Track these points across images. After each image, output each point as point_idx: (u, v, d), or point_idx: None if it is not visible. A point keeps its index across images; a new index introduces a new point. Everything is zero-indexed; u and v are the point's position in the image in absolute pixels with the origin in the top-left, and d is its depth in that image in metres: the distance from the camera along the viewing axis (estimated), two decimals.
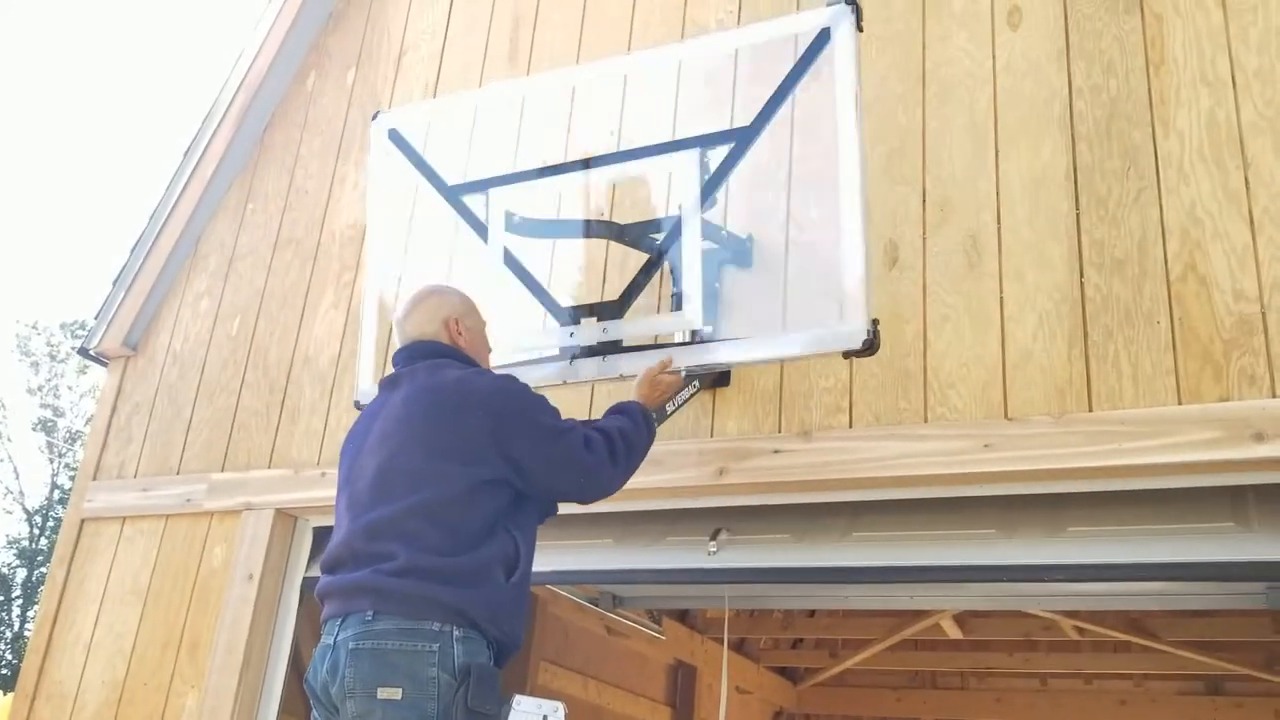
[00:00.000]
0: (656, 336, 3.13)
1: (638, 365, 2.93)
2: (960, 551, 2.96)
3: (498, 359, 2.97)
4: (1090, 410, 2.76)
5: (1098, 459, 2.70)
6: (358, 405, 3.28)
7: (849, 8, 2.94)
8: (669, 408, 2.95)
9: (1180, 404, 2.67)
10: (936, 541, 3.01)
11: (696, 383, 3.08)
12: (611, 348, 3.00)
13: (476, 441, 2.38)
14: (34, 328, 25.61)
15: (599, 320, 3.03)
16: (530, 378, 2.97)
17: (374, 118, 3.59)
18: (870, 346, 2.73)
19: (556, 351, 3.09)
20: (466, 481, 2.34)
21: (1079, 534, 2.87)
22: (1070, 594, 4.28)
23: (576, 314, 3.08)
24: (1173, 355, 2.73)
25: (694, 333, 2.99)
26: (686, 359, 2.95)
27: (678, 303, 3.05)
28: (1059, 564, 2.85)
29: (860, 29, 2.97)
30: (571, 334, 3.05)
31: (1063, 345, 2.86)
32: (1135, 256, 2.86)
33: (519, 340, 3.17)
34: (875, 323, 2.73)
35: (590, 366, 3.02)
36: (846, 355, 2.79)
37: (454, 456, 2.36)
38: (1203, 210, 2.83)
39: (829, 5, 2.97)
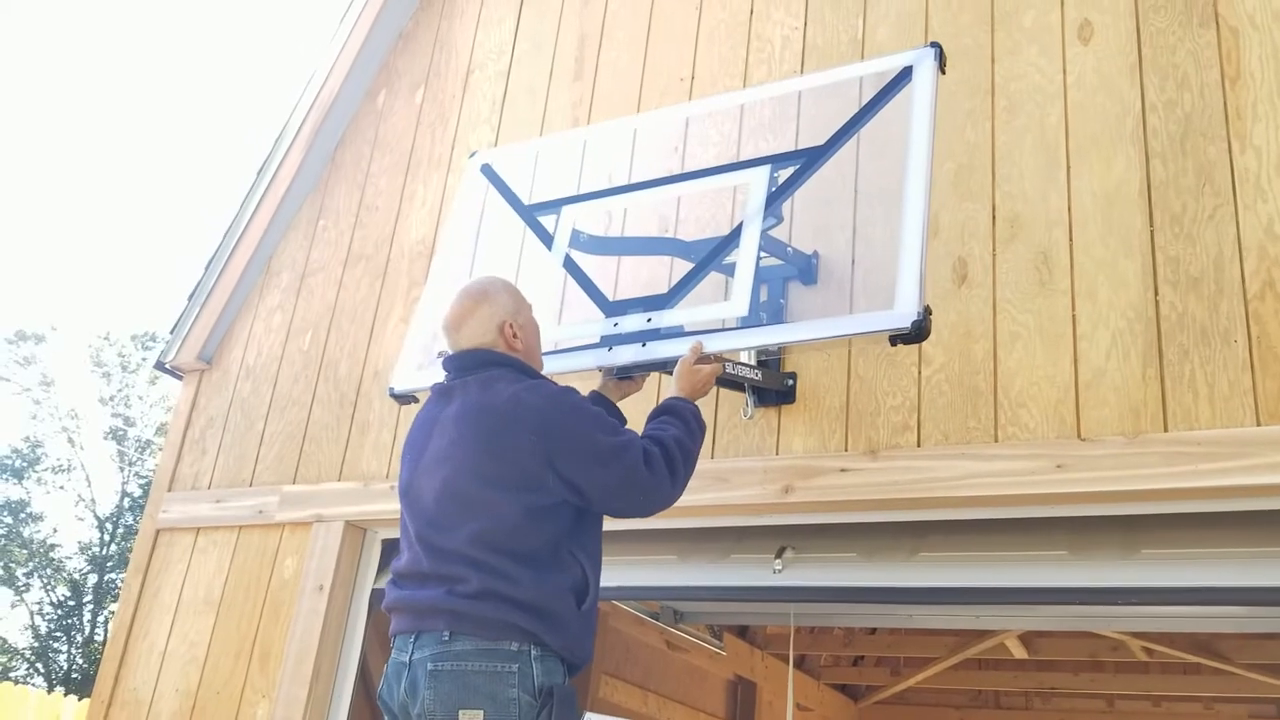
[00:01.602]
0: (723, 323, 3.04)
1: (677, 350, 2.82)
2: (1030, 573, 2.93)
3: (553, 343, 2.96)
4: (1166, 430, 2.71)
5: (1173, 480, 2.65)
6: (392, 392, 3.31)
7: (933, 50, 2.95)
8: (729, 369, 2.86)
9: (1259, 425, 2.62)
10: (1005, 563, 2.98)
11: (758, 374, 3.00)
12: (652, 335, 2.92)
13: (530, 466, 2.34)
14: (106, 339, 26.18)
15: (645, 311, 2.97)
16: (567, 366, 2.95)
17: (470, 156, 3.74)
18: (920, 331, 2.57)
19: (598, 340, 3.02)
20: (523, 508, 2.32)
21: (1153, 556, 2.82)
22: (1141, 615, 4.19)
23: (625, 306, 3.03)
24: (1251, 375, 2.68)
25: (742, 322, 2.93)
26: (728, 342, 2.84)
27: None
28: (1132, 587, 2.80)
29: (943, 72, 2.96)
30: (616, 324, 2.99)
31: (1137, 364, 2.82)
32: (1211, 274, 2.82)
33: (566, 332, 3.15)
34: (927, 309, 2.60)
35: (628, 353, 2.92)
36: (894, 341, 2.63)
37: (508, 483, 2.34)
38: None
39: (914, 49, 2.98)
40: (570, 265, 3.19)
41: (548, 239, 3.28)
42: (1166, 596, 2.83)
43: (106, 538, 24.64)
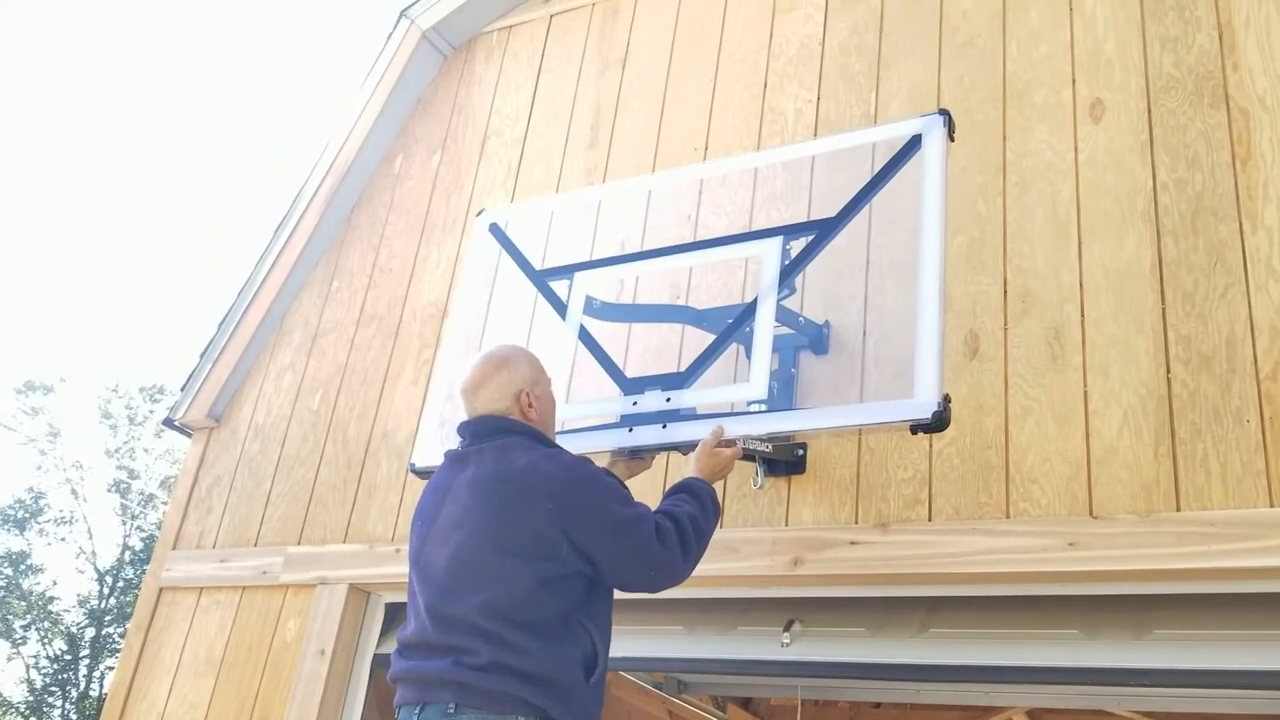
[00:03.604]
0: (733, 405, 3.08)
1: (698, 433, 2.85)
2: (1041, 652, 2.89)
3: (562, 423, 2.96)
4: (1178, 510, 2.69)
5: (1186, 560, 2.63)
6: (412, 469, 3.29)
7: (941, 117, 2.98)
8: (754, 445, 2.89)
9: (1272, 506, 2.61)
10: (1016, 640, 2.94)
11: (768, 446, 3.02)
12: (672, 416, 2.94)
13: (545, 535, 2.32)
14: (114, 390, 26.26)
15: (663, 390, 3.00)
16: (589, 445, 2.96)
17: (478, 214, 3.73)
18: (940, 421, 2.60)
19: (618, 419, 3.05)
20: (537, 577, 2.30)
21: (1166, 637, 2.78)
22: (1153, 695, 4.13)
23: (642, 384, 3.05)
24: (1264, 456, 2.67)
25: (762, 404, 2.95)
26: (750, 427, 2.86)
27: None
28: (1144, 669, 2.76)
29: (952, 139, 2.99)
30: (635, 403, 3.01)
31: (1149, 442, 2.81)
32: (1223, 353, 2.82)
33: (585, 410, 3.15)
34: (947, 398, 2.62)
35: (649, 434, 2.94)
36: (914, 430, 2.65)
37: (523, 552, 2.32)
38: None
39: (923, 116, 3.01)
40: (585, 337, 3.20)
41: (561, 307, 3.30)
42: (1178, 679, 2.78)
43: (106, 591, 24.48)
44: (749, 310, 3.00)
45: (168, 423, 4.84)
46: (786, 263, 3.02)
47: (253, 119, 49.06)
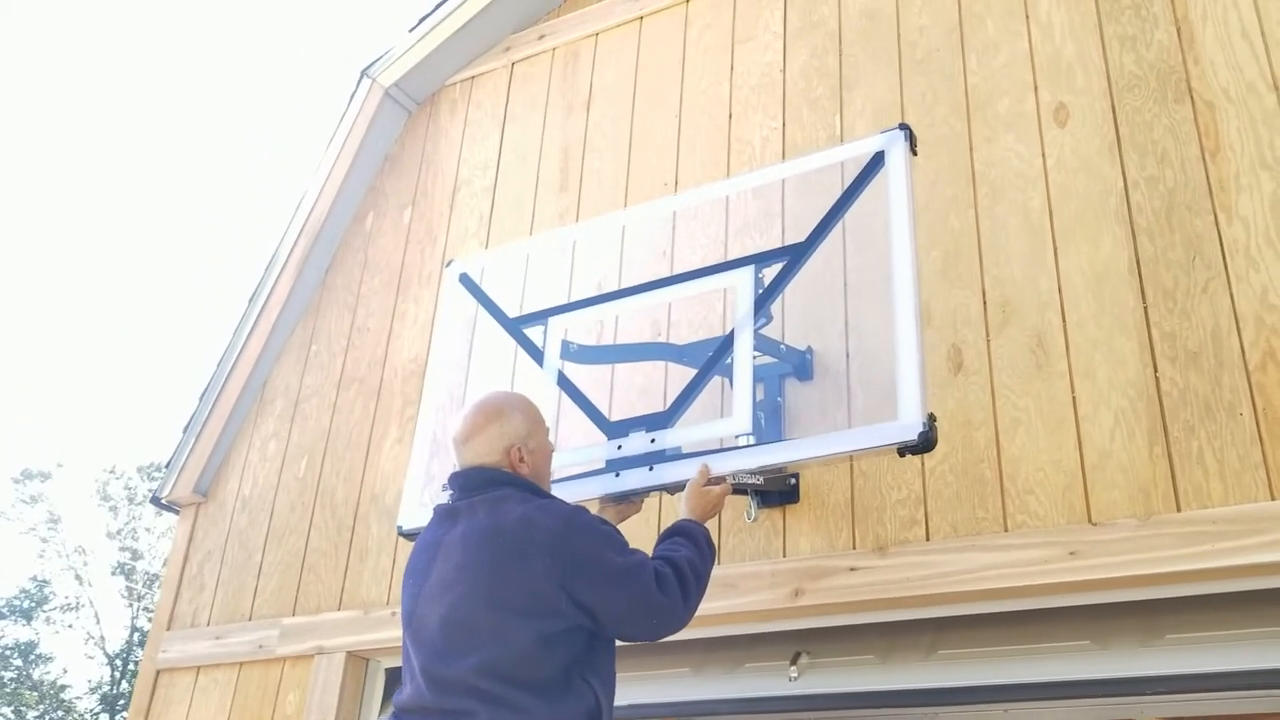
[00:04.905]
0: (722, 441, 3.03)
1: (686, 472, 2.81)
2: (1053, 666, 2.83)
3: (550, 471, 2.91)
4: (1178, 510, 2.64)
5: (1190, 562, 2.57)
6: (401, 531, 3.23)
7: (902, 132, 2.96)
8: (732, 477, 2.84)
9: (1272, 499, 2.56)
10: (1027, 656, 2.88)
11: (760, 478, 2.98)
12: (658, 457, 2.90)
13: (543, 591, 2.25)
14: (112, 472, 26.16)
15: (647, 431, 2.95)
16: (577, 493, 2.91)
17: (447, 265, 3.69)
18: (927, 442, 2.57)
19: (604, 465, 3.00)
20: (535, 635, 2.23)
21: (1178, 641, 2.73)
22: (1174, 701, 4.06)
23: (626, 427, 3.01)
24: (1260, 448, 2.62)
25: (749, 437, 2.90)
26: (736, 463, 2.82)
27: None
28: (1159, 675, 2.70)
29: (915, 153, 2.97)
30: (620, 446, 2.96)
31: (1143, 443, 2.76)
32: (1210, 348, 2.78)
33: (570, 458, 3.09)
34: (932, 418, 2.59)
35: (637, 477, 2.90)
36: (902, 452, 2.62)
37: (519, 609, 2.24)
38: (1276, 296, 2.74)
39: (883, 132, 2.99)
40: (564, 383, 3.15)
41: (537, 354, 3.25)
42: (1195, 683, 2.71)
43: (117, 675, 24.23)
44: (727, 343, 2.96)
45: (155, 501, 4.78)
46: (760, 292, 2.98)
47: (224, 185, 49.27)
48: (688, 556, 2.46)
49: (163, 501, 4.72)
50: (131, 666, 24.07)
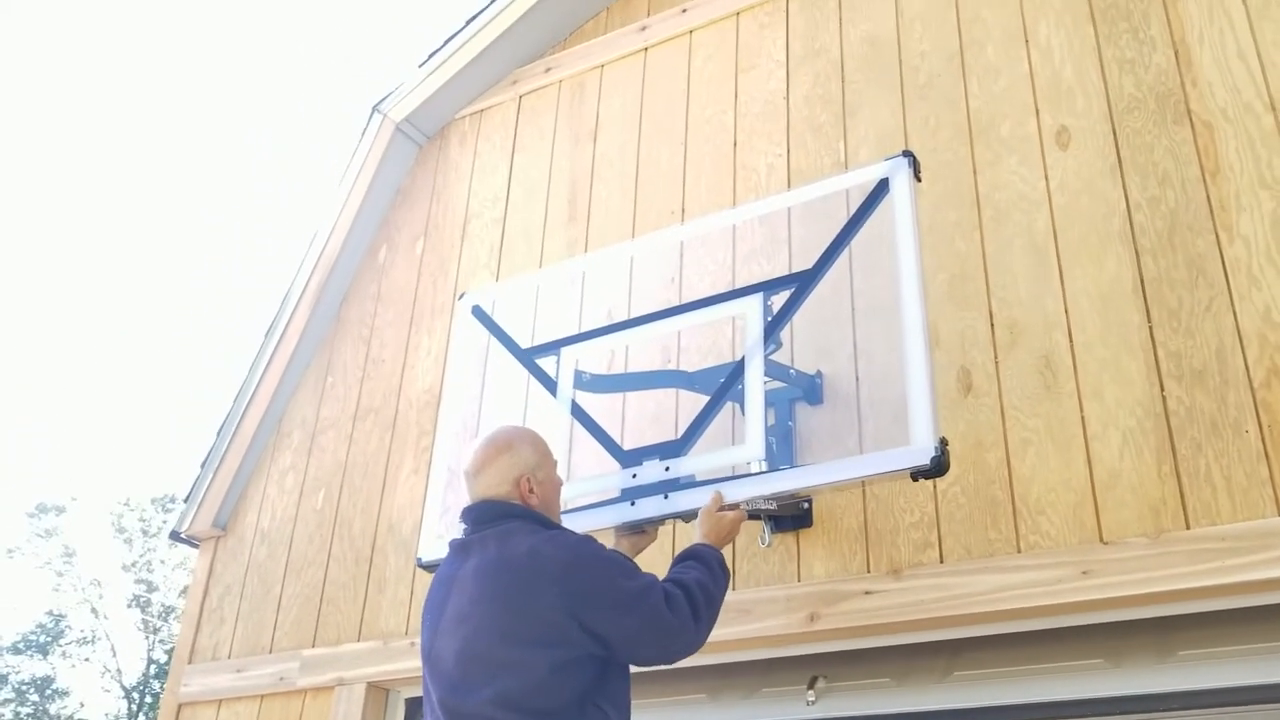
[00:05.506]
0: (734, 468, 3.06)
1: (700, 500, 2.84)
2: (1069, 685, 2.84)
3: (564, 502, 2.93)
4: (1188, 528, 2.67)
5: (1201, 579, 2.60)
6: (420, 563, 3.27)
7: (906, 159, 3.00)
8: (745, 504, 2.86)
9: None
10: (1042, 675, 2.90)
11: (773, 504, 3.01)
12: (672, 485, 2.93)
13: (554, 621, 2.28)
14: (126, 505, 26.23)
15: (661, 459, 2.99)
16: (592, 523, 2.95)
17: (460, 297, 3.75)
18: (940, 466, 2.60)
19: (619, 494, 3.04)
20: (548, 664, 2.26)
21: (1191, 657, 2.74)
22: (1189, 717, 4.06)
23: (640, 455, 3.04)
24: (1266, 464, 2.65)
25: (761, 463, 2.94)
26: (750, 490, 2.85)
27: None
28: (1173, 692, 2.72)
29: (919, 179, 3.01)
30: (634, 475, 3.00)
31: (1151, 462, 2.79)
32: (1215, 366, 2.81)
33: (584, 488, 3.13)
34: (944, 441, 2.62)
35: (651, 505, 2.93)
36: (915, 476, 2.66)
37: (532, 640, 2.28)
38: (1279, 313, 2.77)
39: (887, 159, 3.03)
40: (578, 412, 3.20)
41: (550, 384, 3.30)
42: (1211, 699, 2.73)
43: (134, 708, 24.22)
44: (738, 370, 3.00)
45: (174, 535, 4.81)
46: (769, 319, 3.03)
47: (240, 219, 49.59)
48: (698, 578, 2.49)
49: (182, 536, 4.76)
50: (149, 699, 24.06)
